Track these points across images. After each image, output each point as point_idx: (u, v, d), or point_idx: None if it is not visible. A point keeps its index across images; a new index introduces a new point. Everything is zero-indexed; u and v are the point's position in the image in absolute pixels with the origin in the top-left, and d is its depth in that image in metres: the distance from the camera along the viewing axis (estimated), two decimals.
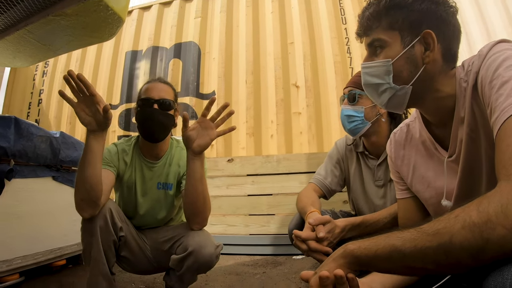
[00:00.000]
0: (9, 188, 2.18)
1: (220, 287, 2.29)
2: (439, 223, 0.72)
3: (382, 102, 1.08)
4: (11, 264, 2.19)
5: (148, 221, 1.95)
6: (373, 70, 1.05)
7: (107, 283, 1.66)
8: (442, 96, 1.01)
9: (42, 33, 1.78)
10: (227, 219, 3.62)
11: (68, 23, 1.69)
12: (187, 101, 4.68)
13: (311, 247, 1.43)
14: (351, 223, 1.60)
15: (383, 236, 0.81)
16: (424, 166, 1.16)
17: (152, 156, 1.91)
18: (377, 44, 1.05)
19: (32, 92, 5.72)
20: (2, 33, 1.85)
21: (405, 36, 1.00)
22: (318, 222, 1.49)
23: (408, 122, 1.25)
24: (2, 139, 2.10)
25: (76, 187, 1.55)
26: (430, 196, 1.16)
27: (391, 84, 1.02)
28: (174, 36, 4.97)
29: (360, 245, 0.84)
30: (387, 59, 1.02)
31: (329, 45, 4.19)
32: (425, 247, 0.72)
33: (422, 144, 1.16)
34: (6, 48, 1.93)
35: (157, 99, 1.79)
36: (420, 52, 1.00)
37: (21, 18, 1.73)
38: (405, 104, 1.05)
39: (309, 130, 4.03)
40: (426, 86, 1.01)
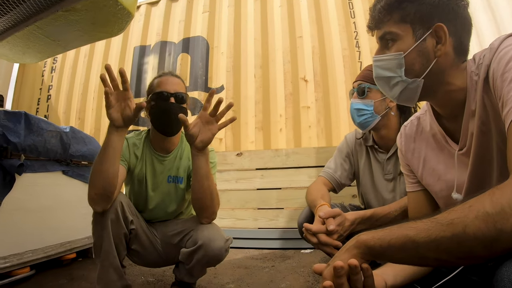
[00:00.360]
0: (20, 183, 2.21)
1: (229, 280, 2.30)
2: (453, 213, 0.72)
3: (394, 95, 1.08)
4: (22, 258, 2.22)
5: (159, 214, 1.96)
6: (385, 63, 1.05)
7: (118, 275, 1.68)
8: (453, 89, 1.01)
9: (52, 28, 1.79)
10: (236, 213, 3.64)
11: (78, 18, 1.69)
12: (195, 96, 4.69)
13: (321, 241, 1.44)
14: (361, 216, 1.59)
15: (396, 227, 0.81)
16: (435, 159, 1.16)
17: (163, 149, 1.92)
18: (388, 37, 1.04)
19: (41, 88, 5.76)
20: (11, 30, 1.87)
21: (416, 29, 1.00)
22: (328, 215, 1.49)
23: (418, 115, 1.25)
24: (13, 134, 2.12)
25: (91, 181, 1.57)
26: (441, 189, 1.15)
27: (403, 77, 1.02)
28: (182, 31, 4.98)
29: (374, 235, 0.84)
30: (399, 52, 1.01)
31: (338, 39, 4.18)
32: (439, 237, 0.71)
33: (433, 137, 1.16)
34: (16, 44, 1.94)
35: (173, 93, 1.80)
36: (432, 45, 0.99)
37: (30, 14, 1.73)
38: (417, 97, 1.05)
39: (317, 124, 4.03)
40: (437, 79, 1.01)
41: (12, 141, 2.10)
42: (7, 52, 2.05)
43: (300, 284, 2.16)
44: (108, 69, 1.52)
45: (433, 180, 1.18)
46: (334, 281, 0.82)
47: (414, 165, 1.25)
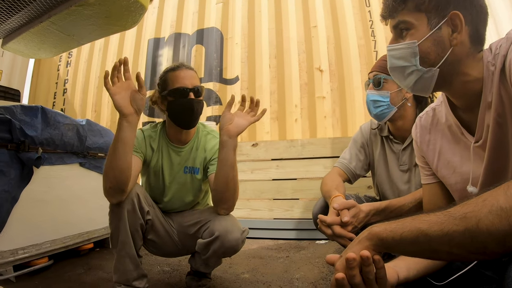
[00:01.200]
0: (38, 175, 2.27)
1: (243, 270, 2.33)
2: (467, 207, 0.71)
3: (408, 85, 1.07)
4: (41, 248, 2.30)
5: (175, 205, 1.99)
6: (399, 53, 1.04)
7: (134, 265, 1.71)
8: (469, 79, 0.99)
9: (66, 23, 1.81)
10: (251, 204, 3.67)
11: (91, 13, 1.71)
12: (210, 87, 4.72)
13: (335, 232, 1.45)
14: (375, 208, 1.59)
15: (409, 219, 0.81)
16: (450, 151, 1.15)
17: (180, 141, 1.94)
18: (402, 27, 1.03)
19: (57, 82, 5.86)
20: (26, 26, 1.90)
21: (431, 18, 0.98)
22: (343, 206, 1.50)
23: (434, 106, 1.23)
24: (30, 128, 2.18)
25: (105, 174, 1.59)
26: (456, 182, 1.14)
27: (418, 67, 1.01)
28: (196, 22, 5.00)
29: (386, 227, 0.84)
30: (413, 41, 1.00)
31: (353, 28, 4.14)
32: (452, 231, 0.71)
33: (448, 128, 1.15)
34: (31, 40, 1.98)
35: (192, 88, 1.82)
36: (447, 34, 0.97)
37: (44, 10, 1.76)
38: (432, 87, 1.04)
39: (333, 114, 4.03)
40: (453, 69, 0.99)
41: (30, 134, 2.15)
42: (23, 48, 2.09)
43: (314, 275, 2.18)
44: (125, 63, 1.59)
45: (448, 172, 1.17)
46: (346, 272, 0.84)
47: (429, 157, 1.24)
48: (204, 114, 4.71)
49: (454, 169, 1.13)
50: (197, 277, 1.96)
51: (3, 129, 2.04)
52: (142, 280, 1.75)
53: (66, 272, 2.36)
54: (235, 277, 2.21)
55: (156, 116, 4.92)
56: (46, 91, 5.97)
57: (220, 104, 4.67)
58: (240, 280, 2.15)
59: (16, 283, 2.12)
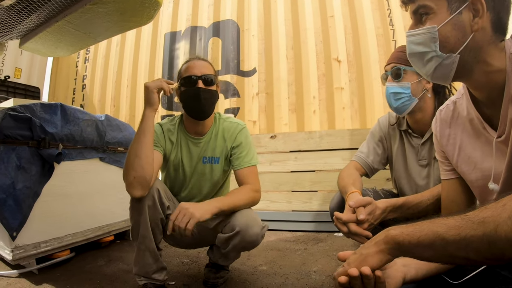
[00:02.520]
0: (59, 171, 2.35)
1: (261, 262, 2.37)
2: (486, 212, 0.70)
3: (428, 72, 1.04)
4: (62, 241, 2.39)
5: (194, 196, 2.03)
6: (418, 38, 1.01)
7: (154, 258, 1.76)
8: (492, 70, 0.96)
9: (81, 22, 1.86)
10: (270, 196, 3.70)
11: (106, 10, 1.75)
12: (228, 79, 4.75)
13: (351, 230, 1.44)
14: (392, 205, 1.57)
15: (427, 222, 0.81)
16: (471, 146, 1.12)
17: (197, 133, 1.97)
18: (422, 11, 1.00)
19: (76, 78, 5.98)
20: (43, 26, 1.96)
21: (452, 2, 0.95)
22: (359, 204, 1.49)
23: (454, 99, 1.20)
24: (50, 125, 2.25)
25: (129, 165, 1.65)
26: (476, 178, 1.11)
27: (438, 52, 0.98)
28: (212, 14, 5.01)
29: (403, 230, 0.84)
30: (432, 26, 0.97)
31: (371, 17, 4.08)
32: (469, 235, 0.70)
33: (469, 122, 1.12)
34: (48, 39, 2.04)
35: (200, 76, 1.84)
36: (469, 19, 0.94)
37: (59, 10, 1.81)
38: (452, 75, 1.00)
39: (351, 105, 4.00)
40: (474, 56, 0.96)
41: (50, 131, 2.22)
42: (40, 47, 2.15)
43: (331, 268, 2.20)
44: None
45: (468, 168, 1.14)
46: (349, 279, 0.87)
47: (449, 152, 1.21)
48: (222, 107, 4.75)
49: (475, 165, 1.11)
50: (216, 269, 2.00)
51: (24, 127, 2.12)
52: (161, 273, 1.80)
53: (87, 264, 2.44)
54: (253, 269, 2.25)
55: (174, 109, 4.99)
56: (65, 88, 6.10)
57: (238, 96, 4.69)
58: (258, 272, 2.19)
59: (38, 275, 2.20)
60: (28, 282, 2.09)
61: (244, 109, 4.68)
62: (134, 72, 5.54)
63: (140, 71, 5.49)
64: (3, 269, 2.28)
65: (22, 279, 2.14)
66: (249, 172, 1.92)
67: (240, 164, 1.92)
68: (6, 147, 2.06)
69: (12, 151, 2.07)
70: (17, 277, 2.18)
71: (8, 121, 2.06)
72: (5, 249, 2.14)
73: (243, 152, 1.94)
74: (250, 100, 4.63)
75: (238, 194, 1.80)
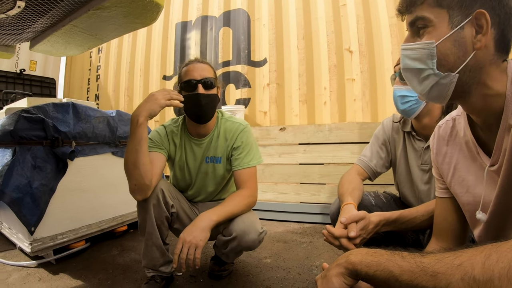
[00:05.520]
0: (73, 167, 2.53)
1: (266, 255, 2.51)
2: (441, 265, 0.71)
3: (423, 91, 0.98)
4: (78, 233, 2.59)
5: (200, 195, 2.17)
6: (414, 53, 0.95)
7: (160, 252, 1.92)
8: (490, 93, 0.91)
9: (87, 25, 1.97)
10: (278, 187, 3.82)
11: (109, 14, 1.86)
12: (239, 69, 4.88)
13: (343, 245, 1.49)
14: (386, 218, 1.57)
15: (386, 255, 0.82)
16: (466, 169, 1.08)
17: (200, 134, 2.06)
18: (420, 24, 0.94)
19: (90, 68, 6.18)
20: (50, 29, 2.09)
21: (454, 16, 0.89)
22: (351, 220, 1.52)
23: (454, 116, 1.15)
24: (63, 124, 2.41)
25: (129, 175, 1.78)
26: (468, 202, 1.09)
27: (435, 70, 0.92)
28: (223, 4, 5.09)
29: (363, 260, 0.85)
30: (430, 41, 0.91)
31: (384, 6, 4.03)
32: (420, 285, 0.72)
33: (466, 144, 1.08)
34: (57, 41, 2.17)
35: (200, 79, 1.92)
36: (471, 35, 0.88)
37: (64, 15, 1.93)
38: (449, 96, 0.94)
39: (363, 97, 4.04)
40: (473, 77, 0.91)
41: (63, 130, 2.38)
42: (50, 48, 2.29)
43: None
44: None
45: (461, 190, 1.11)
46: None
47: (444, 171, 1.19)
48: (233, 97, 4.87)
49: (468, 188, 1.08)
50: (220, 262, 2.14)
51: (37, 127, 2.29)
52: (168, 266, 1.96)
53: (102, 254, 2.63)
54: (257, 262, 2.38)
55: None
56: (80, 78, 6.31)
57: (249, 86, 4.80)
58: (262, 265, 2.32)
59: (56, 265, 2.40)
60: (46, 272, 2.27)
61: (255, 99, 4.78)
62: (147, 62, 5.70)
63: (152, 61, 5.64)
64: (23, 260, 2.48)
65: (41, 269, 2.32)
66: (247, 174, 2.00)
67: (239, 165, 2.00)
68: (21, 148, 2.23)
69: (27, 152, 2.24)
70: (36, 267, 2.37)
71: (22, 123, 2.23)
72: (24, 241, 2.34)
73: (243, 153, 2.02)
74: (261, 90, 4.73)
75: (234, 202, 1.89)
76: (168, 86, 5.54)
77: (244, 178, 1.99)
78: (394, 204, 2.04)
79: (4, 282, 2.14)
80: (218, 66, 5.00)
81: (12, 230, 2.60)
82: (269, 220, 3.62)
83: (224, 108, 4.45)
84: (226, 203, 1.88)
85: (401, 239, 1.95)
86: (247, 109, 4.79)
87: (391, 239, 1.93)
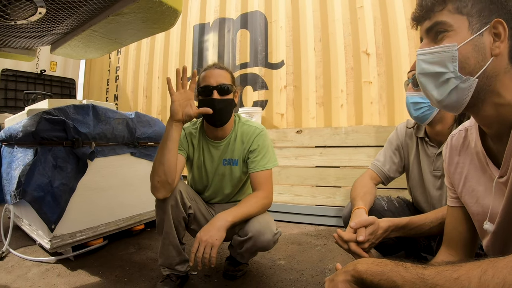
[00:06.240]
0: (93, 167, 2.61)
1: (280, 256, 2.54)
2: (440, 277, 0.74)
3: (440, 96, 0.97)
4: (96, 230, 2.67)
5: (216, 197, 2.23)
6: (434, 57, 0.95)
7: (177, 252, 1.97)
8: (502, 102, 0.92)
9: (107, 30, 2.03)
10: (294, 189, 3.83)
11: (128, 20, 1.91)
12: (256, 72, 4.92)
13: (351, 249, 1.52)
14: (395, 224, 1.59)
15: (391, 265, 0.85)
16: (476, 179, 1.09)
17: (217, 137, 2.12)
18: (440, 28, 0.94)
19: (109, 69, 6.29)
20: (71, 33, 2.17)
21: (473, 23, 0.90)
22: (360, 225, 1.55)
23: (467, 126, 1.16)
24: (83, 125, 2.49)
25: (154, 170, 1.83)
26: (477, 213, 1.10)
27: (456, 73, 0.92)
28: (240, 6, 5.15)
29: (368, 269, 0.88)
30: (452, 44, 0.91)
31: (401, 8, 4.03)
32: None
33: (477, 155, 1.09)
34: (77, 45, 2.24)
35: (216, 86, 1.97)
36: (489, 42, 0.90)
37: (84, 20, 2.00)
38: (465, 103, 0.94)
39: (380, 100, 4.04)
40: (489, 84, 0.91)
41: (83, 132, 2.46)
42: (70, 52, 2.36)
43: None
44: (184, 71, 1.86)
45: (471, 201, 1.12)
46: None
47: (455, 181, 1.20)
48: (251, 99, 4.92)
49: (477, 199, 1.09)
50: (235, 262, 2.19)
51: (58, 128, 2.37)
52: (183, 265, 2.01)
53: (119, 252, 2.70)
54: (271, 263, 2.41)
55: None
56: (99, 78, 6.43)
57: (266, 88, 4.85)
58: (276, 266, 2.35)
59: (74, 261, 2.48)
60: (64, 268, 2.35)
61: (272, 101, 4.82)
62: (165, 64, 5.78)
63: (170, 62, 5.73)
64: (42, 256, 2.56)
65: (59, 265, 2.40)
66: (262, 177, 2.04)
67: (255, 168, 2.05)
68: (43, 148, 2.32)
69: (48, 152, 2.33)
70: (55, 263, 2.44)
71: (44, 125, 2.31)
72: (44, 238, 2.43)
73: (259, 156, 2.06)
74: (278, 92, 4.77)
75: (249, 203, 1.94)
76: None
77: (260, 180, 2.03)
78: (407, 209, 2.05)
79: (23, 277, 2.21)
80: (235, 68, 5.05)
81: (32, 226, 2.69)
82: (284, 222, 3.65)
83: (241, 110, 4.50)
84: (241, 204, 1.93)
85: (413, 244, 1.97)
86: (264, 111, 4.83)
87: (404, 244, 1.96)
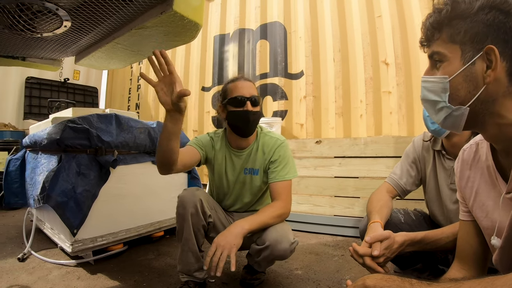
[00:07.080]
0: (115, 174, 2.69)
1: (298, 266, 2.55)
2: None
3: (439, 120, 1.02)
4: (117, 236, 2.74)
5: (236, 203, 2.27)
6: (431, 86, 0.99)
7: (195, 258, 2.02)
8: (505, 122, 0.92)
9: (129, 43, 2.11)
10: (313, 199, 3.84)
11: (150, 33, 1.99)
12: (276, 82, 4.96)
13: (366, 264, 1.52)
14: (410, 239, 1.58)
15: (398, 281, 0.86)
16: (486, 194, 1.11)
17: (240, 147, 2.19)
18: (436, 58, 0.98)
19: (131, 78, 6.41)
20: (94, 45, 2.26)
21: (466, 51, 0.92)
22: (375, 240, 1.55)
23: (478, 141, 1.18)
24: (106, 134, 2.57)
25: (156, 152, 1.84)
26: (487, 227, 1.11)
27: (447, 103, 0.96)
28: (259, 17, 5.21)
29: (377, 284, 0.89)
30: (444, 76, 0.95)
31: (419, 17, 4.00)
32: None
33: (487, 169, 1.09)
34: (100, 56, 2.34)
35: (249, 97, 2.04)
36: (482, 69, 0.91)
37: (108, 33, 2.09)
38: (462, 126, 0.98)
39: (399, 110, 4.02)
40: (486, 108, 0.93)
41: (106, 140, 2.54)
42: (94, 62, 2.46)
43: None
44: (154, 56, 1.61)
45: (481, 215, 1.13)
46: None
47: (466, 195, 1.21)
48: (270, 109, 4.97)
49: (487, 213, 1.10)
50: (252, 271, 2.21)
51: (82, 137, 2.46)
52: (202, 272, 2.05)
53: (139, 257, 2.75)
54: (288, 273, 2.43)
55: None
56: (121, 87, 6.56)
57: (285, 99, 4.89)
58: (293, 276, 2.36)
59: (94, 265, 2.54)
60: (84, 271, 2.41)
61: (292, 111, 4.86)
62: (186, 73, 5.89)
63: (191, 72, 5.83)
64: (63, 259, 2.64)
65: (80, 268, 2.46)
66: (282, 187, 2.08)
67: (275, 178, 2.09)
68: (67, 155, 2.41)
69: (72, 159, 2.41)
70: (75, 266, 2.51)
71: (68, 133, 2.40)
72: (66, 242, 2.50)
73: (279, 167, 2.11)
74: (297, 103, 4.80)
75: (267, 213, 1.97)
76: (207, 97, 5.72)
77: (279, 190, 2.07)
78: (424, 222, 2.05)
79: (44, 278, 2.28)
80: (255, 78, 5.11)
81: (54, 230, 2.77)
82: (303, 231, 3.64)
83: (261, 120, 4.46)
84: (259, 213, 1.97)
85: (431, 257, 1.96)
86: (284, 121, 4.86)
87: (421, 257, 1.96)
